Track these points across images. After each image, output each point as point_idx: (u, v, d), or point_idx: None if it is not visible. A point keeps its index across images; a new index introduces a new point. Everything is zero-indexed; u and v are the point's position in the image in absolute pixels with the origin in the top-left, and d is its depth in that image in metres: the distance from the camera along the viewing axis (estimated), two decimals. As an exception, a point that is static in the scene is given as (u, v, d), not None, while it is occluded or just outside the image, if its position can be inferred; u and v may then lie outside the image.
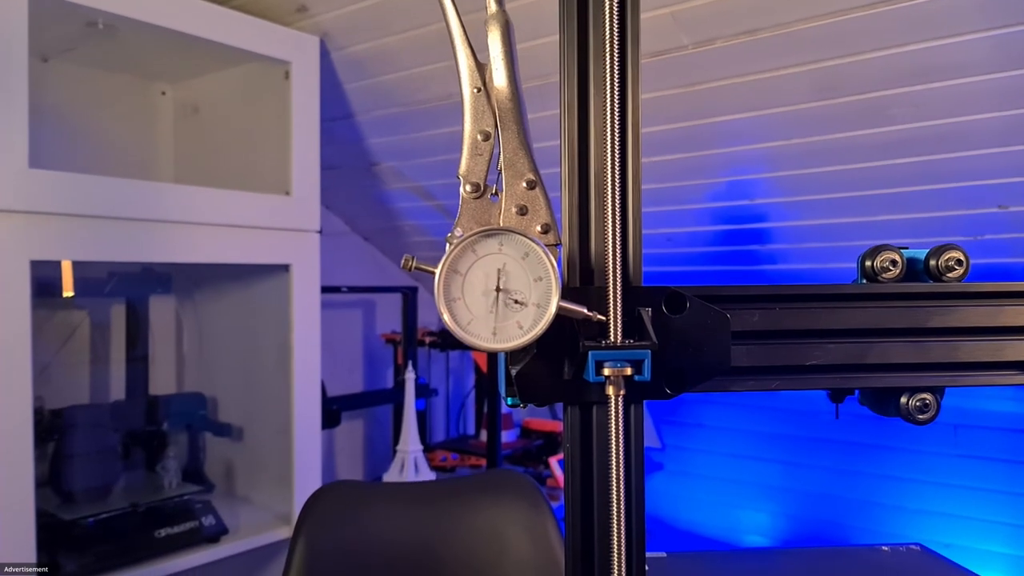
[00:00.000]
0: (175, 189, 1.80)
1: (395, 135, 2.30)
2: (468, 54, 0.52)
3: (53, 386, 1.87)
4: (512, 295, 0.48)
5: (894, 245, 0.57)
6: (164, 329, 2.21)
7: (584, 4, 0.52)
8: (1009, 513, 2.46)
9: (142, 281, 2.07)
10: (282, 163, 1.89)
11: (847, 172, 1.85)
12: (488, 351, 0.48)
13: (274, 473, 1.97)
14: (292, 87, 1.88)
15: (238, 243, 1.79)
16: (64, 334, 1.98)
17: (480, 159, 0.52)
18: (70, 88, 1.96)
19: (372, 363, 3.12)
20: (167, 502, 1.82)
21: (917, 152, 1.72)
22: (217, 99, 2.09)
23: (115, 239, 1.59)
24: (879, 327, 0.55)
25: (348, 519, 1.24)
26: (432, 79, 1.99)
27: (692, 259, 2.44)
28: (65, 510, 1.68)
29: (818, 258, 2.24)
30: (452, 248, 0.48)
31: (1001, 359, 0.56)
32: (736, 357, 0.52)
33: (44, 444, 1.72)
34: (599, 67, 0.52)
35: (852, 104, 1.65)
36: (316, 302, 1.95)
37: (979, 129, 1.61)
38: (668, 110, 1.83)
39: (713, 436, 3.15)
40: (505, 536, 1.23)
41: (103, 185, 1.59)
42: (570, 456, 0.51)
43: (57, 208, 1.49)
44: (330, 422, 2.47)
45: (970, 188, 1.78)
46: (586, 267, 0.52)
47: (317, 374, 1.95)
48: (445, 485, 1.37)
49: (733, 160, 1.96)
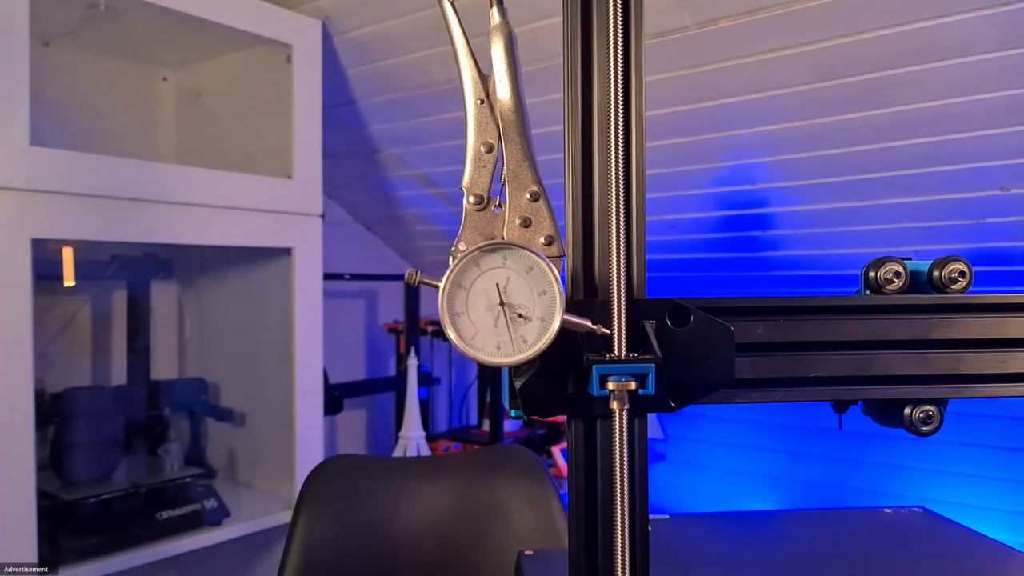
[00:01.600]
0: (177, 170, 1.80)
1: (397, 121, 2.29)
2: (471, 66, 0.52)
3: (54, 372, 1.88)
4: (516, 309, 0.48)
5: (897, 256, 0.57)
6: (166, 315, 2.22)
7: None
8: (1011, 501, 2.47)
9: (144, 266, 2.07)
10: (284, 147, 1.89)
11: (848, 155, 1.84)
12: (492, 365, 0.48)
13: (276, 459, 1.98)
14: (294, 70, 1.88)
15: (240, 226, 1.79)
16: (65, 319, 1.98)
17: (484, 171, 0.52)
18: (72, 74, 1.95)
19: (374, 353, 3.12)
20: (169, 484, 1.82)
21: (918, 134, 1.72)
22: (219, 84, 2.09)
23: (116, 219, 1.59)
24: (883, 339, 0.55)
25: (350, 492, 1.24)
26: (434, 63, 1.98)
27: (695, 246, 2.43)
28: (66, 491, 1.69)
29: (820, 244, 2.24)
30: (456, 262, 0.48)
31: (1004, 371, 0.56)
32: (740, 369, 0.52)
33: (45, 427, 1.72)
34: (602, 67, 0.51)
35: (853, 85, 1.65)
36: (318, 287, 1.95)
37: (981, 109, 1.61)
38: (671, 94, 1.82)
39: (715, 426, 3.16)
40: (508, 509, 1.23)
41: (104, 164, 1.58)
42: (574, 470, 0.51)
43: (58, 187, 1.49)
44: (332, 408, 2.47)
45: (972, 170, 1.77)
46: (589, 280, 0.52)
47: (319, 360, 1.96)
48: (448, 459, 1.37)
49: (735, 144, 1.96)
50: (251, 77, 1.99)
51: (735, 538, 0.94)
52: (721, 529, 0.97)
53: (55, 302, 1.94)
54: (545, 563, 0.80)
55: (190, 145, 2.15)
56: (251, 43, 1.88)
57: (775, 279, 2.48)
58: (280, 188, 1.87)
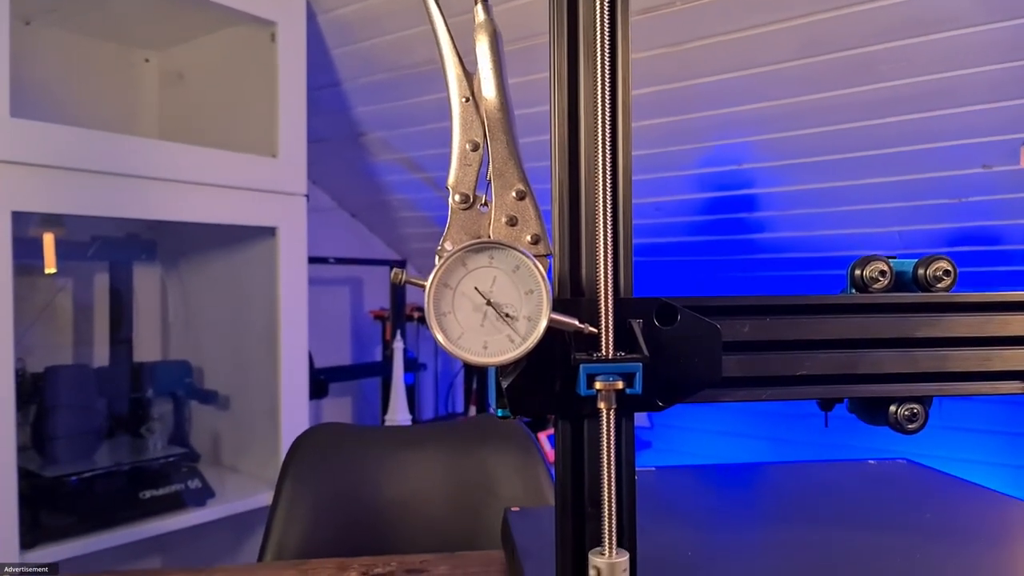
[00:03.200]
0: (160, 146, 1.78)
1: (382, 103, 2.27)
2: (456, 63, 0.52)
3: (35, 355, 1.86)
4: (503, 308, 0.48)
5: (883, 255, 0.57)
6: (149, 297, 2.20)
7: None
8: (990, 484, 2.49)
9: (126, 247, 2.05)
10: (269, 126, 1.87)
11: (833, 133, 1.84)
12: (479, 365, 0.48)
13: (261, 442, 1.97)
14: (278, 48, 1.86)
15: (224, 203, 1.78)
16: (45, 300, 1.97)
17: (469, 169, 0.51)
18: (52, 55, 1.92)
19: (360, 341, 3.11)
20: (152, 463, 1.82)
21: (903, 111, 1.72)
22: (202, 65, 2.07)
23: (99, 194, 1.58)
24: (868, 337, 0.55)
25: (336, 459, 1.22)
26: (418, 42, 1.97)
27: (681, 229, 2.43)
28: (47, 469, 1.68)
29: (806, 225, 2.24)
30: (442, 262, 0.48)
31: (989, 369, 0.56)
32: (727, 368, 0.52)
33: (26, 407, 1.71)
34: (589, 64, 0.51)
35: (838, 61, 1.65)
36: (303, 268, 1.94)
37: (966, 84, 1.61)
38: (656, 72, 1.81)
39: (701, 414, 3.17)
40: (495, 478, 1.22)
41: (86, 137, 1.57)
42: (561, 470, 0.51)
43: (39, 159, 1.47)
44: (318, 392, 2.47)
45: (955, 148, 1.78)
46: (576, 279, 0.52)
47: (304, 342, 1.95)
48: (434, 428, 1.37)
49: (721, 123, 1.95)
50: (235, 57, 1.97)
51: (721, 487, 0.95)
52: (707, 479, 0.99)
53: (35, 284, 1.93)
54: (532, 518, 0.81)
55: (173, 126, 2.13)
56: (234, 21, 1.86)
57: (762, 262, 2.49)
58: (265, 166, 1.85)
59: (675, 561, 0.66)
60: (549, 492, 1.19)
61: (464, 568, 0.84)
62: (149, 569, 1.67)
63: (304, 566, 0.86)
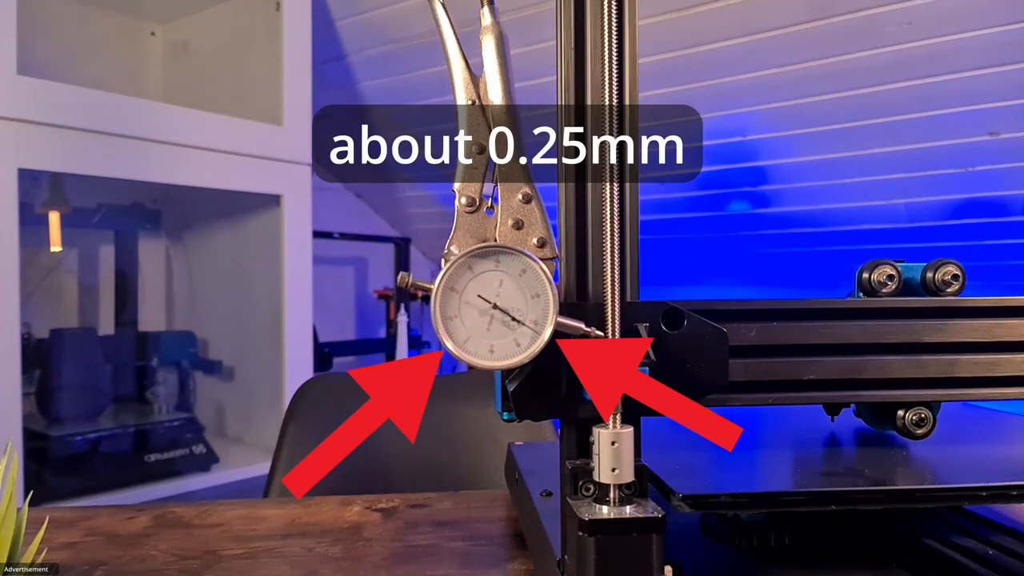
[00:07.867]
0: (166, 109, 1.78)
1: (388, 76, 2.24)
2: (463, 67, 0.51)
3: (41, 323, 1.86)
4: (509, 312, 0.48)
5: (891, 260, 0.56)
6: (154, 267, 2.20)
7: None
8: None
9: (131, 216, 2.05)
10: (274, 95, 1.86)
11: (839, 100, 1.82)
12: (486, 369, 0.48)
13: (264, 413, 1.98)
14: (283, 17, 1.84)
15: (229, 170, 1.77)
16: (51, 266, 1.96)
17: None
18: (59, 27, 1.91)
19: (364, 321, 3.11)
20: (157, 426, 1.82)
21: (909, 75, 1.70)
22: (208, 36, 2.05)
23: (105, 155, 1.57)
24: (876, 342, 0.55)
25: (340, 403, 1.21)
26: (424, 10, 1.93)
27: (683, 204, 2.41)
28: (53, 429, 1.69)
29: (812, 199, 2.22)
30: (448, 266, 0.48)
31: (997, 374, 0.56)
32: (733, 372, 0.52)
33: (31, 371, 1.72)
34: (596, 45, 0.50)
35: (845, 23, 1.62)
36: (307, 238, 1.94)
37: (971, 47, 1.59)
38: (661, 40, 1.79)
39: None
40: (498, 426, 1.22)
41: (93, 98, 1.56)
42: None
43: (46, 118, 1.47)
44: (321, 365, 2.48)
45: (961, 114, 1.76)
46: (583, 282, 0.51)
47: (309, 314, 1.95)
48: (440, 378, 1.37)
49: (727, 92, 1.93)
50: (240, 27, 1.96)
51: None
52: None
53: (40, 253, 1.92)
54: (535, 450, 0.81)
55: (179, 96, 2.11)
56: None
57: (768, 238, 2.47)
58: (270, 134, 1.85)
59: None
60: (552, 438, 1.19)
61: (467, 503, 0.86)
62: (151, 502, 1.68)
63: (308, 502, 0.87)
